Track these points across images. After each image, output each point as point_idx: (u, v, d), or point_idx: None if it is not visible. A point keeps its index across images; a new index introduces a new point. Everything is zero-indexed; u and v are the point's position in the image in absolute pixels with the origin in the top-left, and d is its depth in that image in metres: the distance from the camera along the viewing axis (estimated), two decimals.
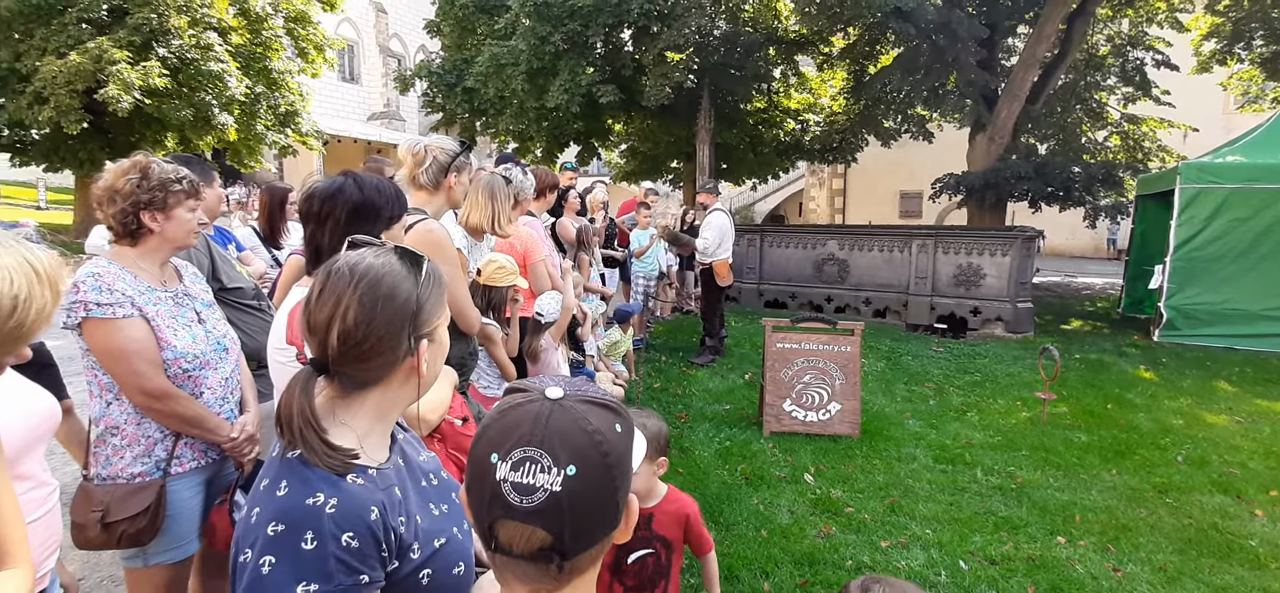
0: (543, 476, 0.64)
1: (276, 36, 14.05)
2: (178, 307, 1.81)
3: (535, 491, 0.64)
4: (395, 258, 0.97)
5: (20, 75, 11.70)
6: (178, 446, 1.79)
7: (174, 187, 1.75)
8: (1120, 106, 14.37)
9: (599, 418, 0.68)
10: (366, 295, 0.91)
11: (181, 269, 1.92)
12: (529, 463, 0.65)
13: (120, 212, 1.71)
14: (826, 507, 3.57)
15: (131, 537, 1.71)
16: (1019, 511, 3.60)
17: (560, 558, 0.66)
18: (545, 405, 0.67)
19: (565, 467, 0.65)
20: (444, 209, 2.41)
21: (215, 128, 12.72)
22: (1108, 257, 22.80)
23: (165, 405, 1.73)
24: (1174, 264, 7.99)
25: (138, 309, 1.70)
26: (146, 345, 1.70)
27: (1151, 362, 7.09)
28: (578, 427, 0.67)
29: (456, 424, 2.01)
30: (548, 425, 0.66)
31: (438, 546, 0.99)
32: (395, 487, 0.96)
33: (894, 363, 6.80)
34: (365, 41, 26.54)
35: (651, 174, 16.43)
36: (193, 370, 1.79)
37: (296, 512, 0.85)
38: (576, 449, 0.66)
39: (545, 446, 0.65)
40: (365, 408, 0.97)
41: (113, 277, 1.69)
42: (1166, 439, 4.76)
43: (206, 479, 1.88)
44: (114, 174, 1.73)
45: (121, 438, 1.74)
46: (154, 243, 1.77)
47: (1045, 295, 12.31)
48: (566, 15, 11.68)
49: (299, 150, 16.47)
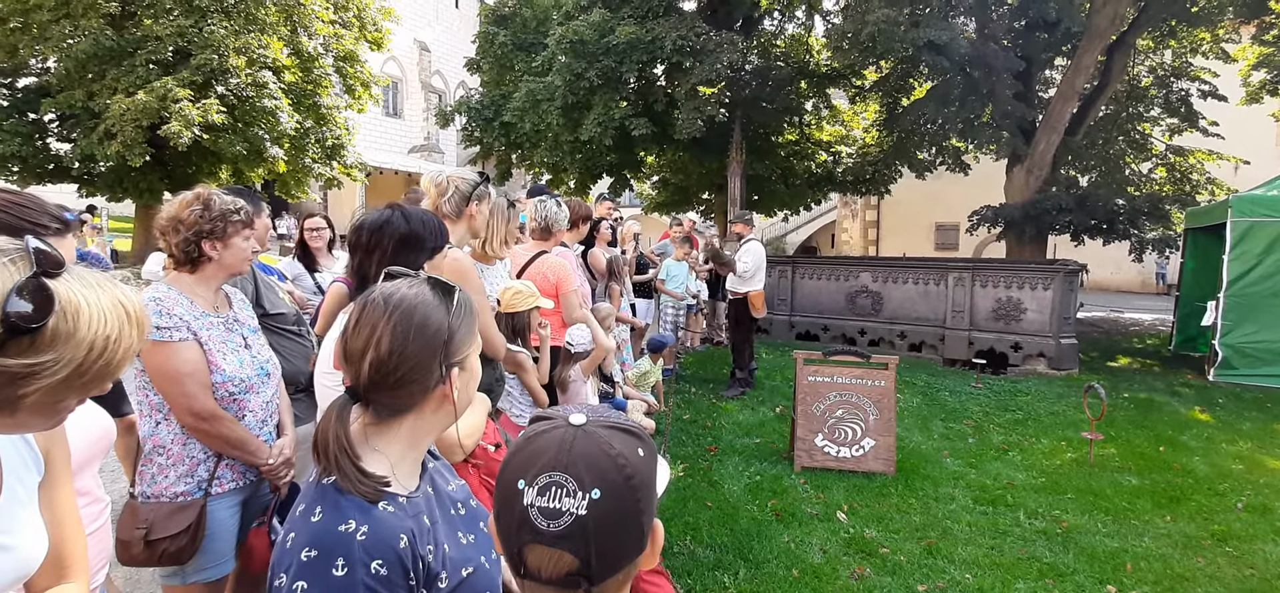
0: (568, 500, 0.66)
1: (326, 74, 14.76)
2: (228, 332, 1.89)
3: (561, 514, 0.66)
4: (428, 288, 1.00)
5: (92, 113, 12.51)
6: (218, 467, 1.85)
7: (232, 217, 1.86)
8: (1165, 138, 13.97)
9: (622, 443, 0.70)
10: (399, 325, 0.95)
11: (232, 295, 2.01)
12: (555, 488, 0.67)
13: (183, 240, 1.80)
14: (860, 547, 3.49)
15: (172, 555, 1.77)
16: (1065, 557, 3.45)
17: (587, 582, 0.67)
18: (569, 432, 0.70)
19: (590, 490, 0.66)
20: (466, 238, 2.49)
21: (266, 160, 13.35)
22: (1156, 292, 21.93)
23: (212, 427, 1.79)
24: (1228, 300, 7.66)
25: (193, 333, 1.78)
26: (199, 368, 1.78)
27: (1207, 402, 6.76)
28: (602, 451, 0.69)
29: (490, 450, 2.04)
30: (572, 451, 0.68)
31: (465, 574, 1.00)
32: (424, 515, 0.98)
33: (931, 398, 6.63)
34: (409, 78, 27.61)
35: (682, 205, 16.57)
36: (238, 394, 1.85)
37: (328, 538, 0.88)
38: (601, 473, 0.67)
39: (570, 470, 0.67)
40: (399, 435, 1.00)
41: (172, 302, 1.78)
42: (1225, 485, 4.52)
43: (243, 501, 1.94)
44: (178, 205, 1.83)
45: (167, 457, 1.81)
46: (211, 269, 1.86)
47: (1090, 331, 11.89)
48: (601, 52, 12.00)
49: (343, 182, 17.11)
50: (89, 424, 1.40)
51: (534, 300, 2.79)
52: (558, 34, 12.43)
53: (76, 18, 12.45)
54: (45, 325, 0.75)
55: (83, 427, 1.38)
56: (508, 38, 14.89)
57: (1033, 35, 12.20)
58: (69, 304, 0.77)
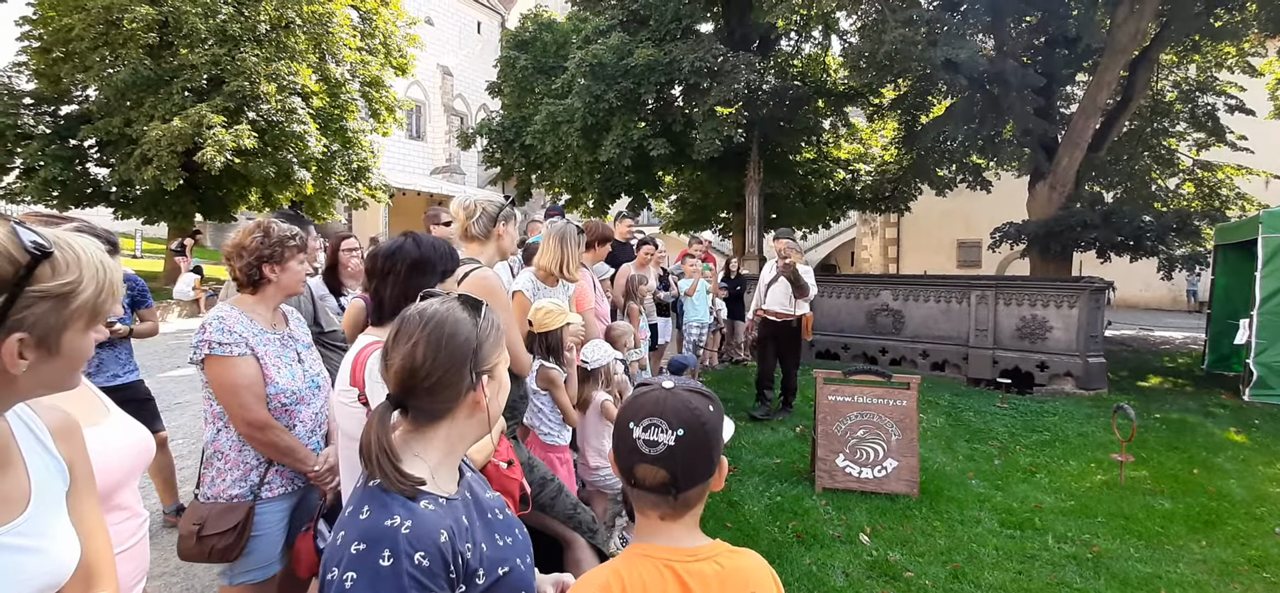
0: (663, 435, 1.00)
1: (353, 99, 15.15)
2: (283, 347, 2.06)
3: (658, 445, 1.00)
4: (457, 304, 1.11)
5: (129, 139, 12.98)
6: (268, 472, 2.00)
7: (289, 243, 2.05)
8: (1192, 153, 13.72)
9: (698, 401, 1.03)
10: (433, 335, 1.05)
11: (289, 314, 2.19)
12: (653, 427, 1.01)
13: (246, 265, 2.01)
14: (884, 570, 3.45)
15: (220, 552, 1.91)
16: (1096, 582, 3.38)
17: (675, 490, 1.01)
18: (662, 392, 1.04)
19: (676, 430, 1.00)
20: (496, 258, 2.57)
21: (294, 183, 13.71)
22: (1187, 309, 21.38)
23: (264, 436, 1.95)
24: (1262, 318, 7.46)
25: (251, 349, 1.95)
26: (255, 381, 1.94)
27: (1242, 423, 6.57)
28: (685, 405, 1.02)
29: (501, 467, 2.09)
30: (665, 404, 1.02)
31: (501, 573, 1.07)
32: (463, 515, 1.06)
33: (954, 419, 6.54)
34: (431, 101, 28.20)
35: (701, 224, 16.62)
36: (290, 405, 2.01)
37: (375, 532, 0.95)
38: (684, 419, 1.01)
39: (664, 415, 1.01)
40: (436, 441, 1.08)
41: (233, 320, 1.96)
42: (1262, 509, 4.39)
43: (291, 506, 2.08)
44: (241, 234, 2.04)
45: (225, 462, 1.98)
46: (271, 291, 2.05)
47: (1119, 350, 11.63)
48: (620, 74, 12.18)
49: (368, 203, 17.48)
50: (129, 440, 1.43)
51: (564, 318, 2.85)
52: (577, 57, 12.66)
53: (116, 48, 12.97)
54: (56, 251, 0.87)
55: (122, 443, 1.40)
56: (528, 62, 15.18)
57: (1053, 52, 12.11)
58: (60, 239, 0.89)
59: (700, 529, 1.08)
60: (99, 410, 1.40)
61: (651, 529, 1.04)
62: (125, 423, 1.45)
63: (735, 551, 1.07)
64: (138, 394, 3.33)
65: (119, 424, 1.43)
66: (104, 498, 1.32)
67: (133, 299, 3.35)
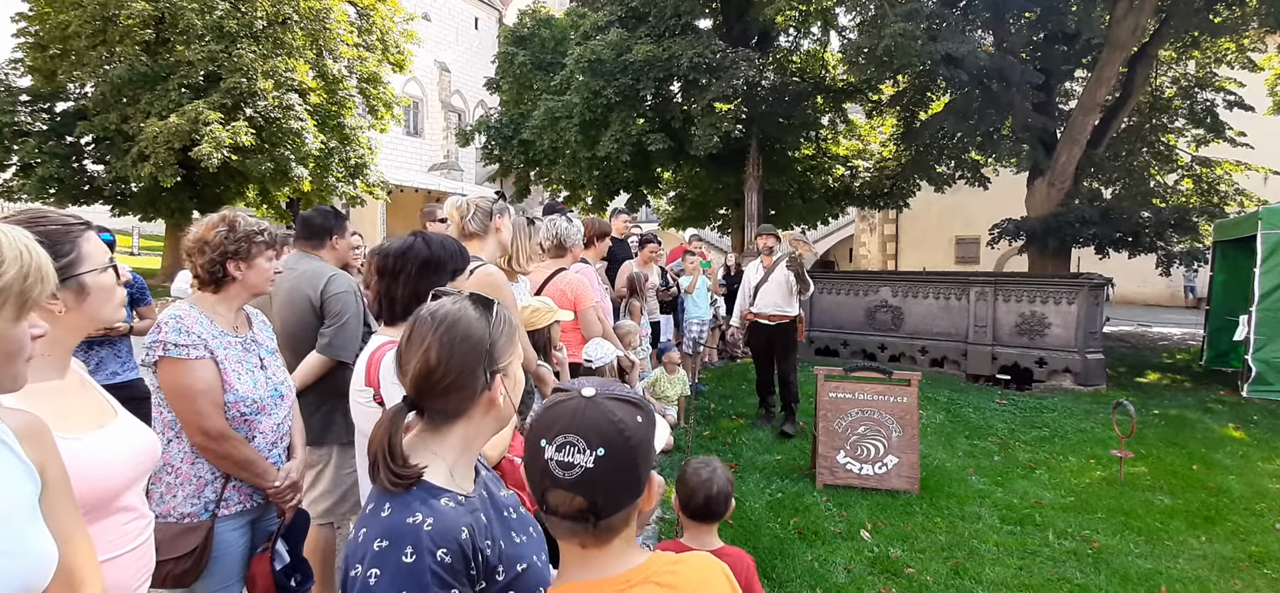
0: (579, 456, 0.84)
1: (350, 96, 15.10)
2: (245, 352, 1.90)
3: (573, 467, 0.85)
4: (469, 304, 1.09)
5: (126, 136, 12.93)
6: (226, 488, 1.83)
7: (257, 238, 1.89)
8: (1191, 149, 13.73)
9: (623, 411, 0.88)
10: (445, 336, 1.03)
11: (253, 316, 2.02)
12: (568, 446, 0.85)
13: (208, 261, 1.84)
14: (885, 567, 3.45)
15: (176, 577, 1.73)
16: (1097, 578, 3.38)
17: (595, 518, 0.86)
18: (581, 402, 0.88)
19: (596, 449, 0.84)
20: (496, 252, 2.56)
21: (292, 180, 13.67)
22: (1186, 306, 21.42)
23: (220, 447, 1.79)
24: (1260, 314, 7.48)
25: (209, 352, 1.79)
26: (212, 387, 1.78)
27: (1241, 419, 6.59)
28: (606, 418, 0.86)
29: (517, 462, 2.08)
30: (583, 417, 0.86)
31: (520, 569, 1.07)
32: (481, 513, 1.06)
33: (954, 415, 6.55)
34: (429, 98, 28.12)
35: (700, 221, 16.61)
36: (249, 415, 1.86)
37: (398, 529, 0.95)
38: (605, 436, 0.85)
39: (582, 432, 0.85)
40: (452, 439, 1.08)
41: (192, 320, 1.80)
42: (1262, 504, 4.40)
43: (251, 523, 1.93)
44: (204, 227, 1.88)
45: (176, 477, 1.80)
46: (235, 290, 1.89)
47: (1118, 346, 11.65)
48: (618, 70, 12.15)
49: (366, 200, 17.44)
50: (137, 442, 1.41)
51: (552, 315, 2.83)
52: (576, 53, 12.62)
53: (113, 45, 12.90)
54: None
55: (131, 445, 1.39)
56: (527, 58, 15.15)
57: (1052, 48, 12.10)
58: None
59: (634, 544, 0.94)
60: (107, 412, 1.39)
61: (574, 560, 0.91)
62: (133, 425, 1.44)
63: (677, 561, 0.93)
64: (137, 393, 3.31)
65: (127, 426, 1.41)
66: (111, 499, 1.31)
67: (132, 297, 3.34)
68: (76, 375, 1.38)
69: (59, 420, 1.24)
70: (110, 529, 1.31)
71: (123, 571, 1.33)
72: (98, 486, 1.27)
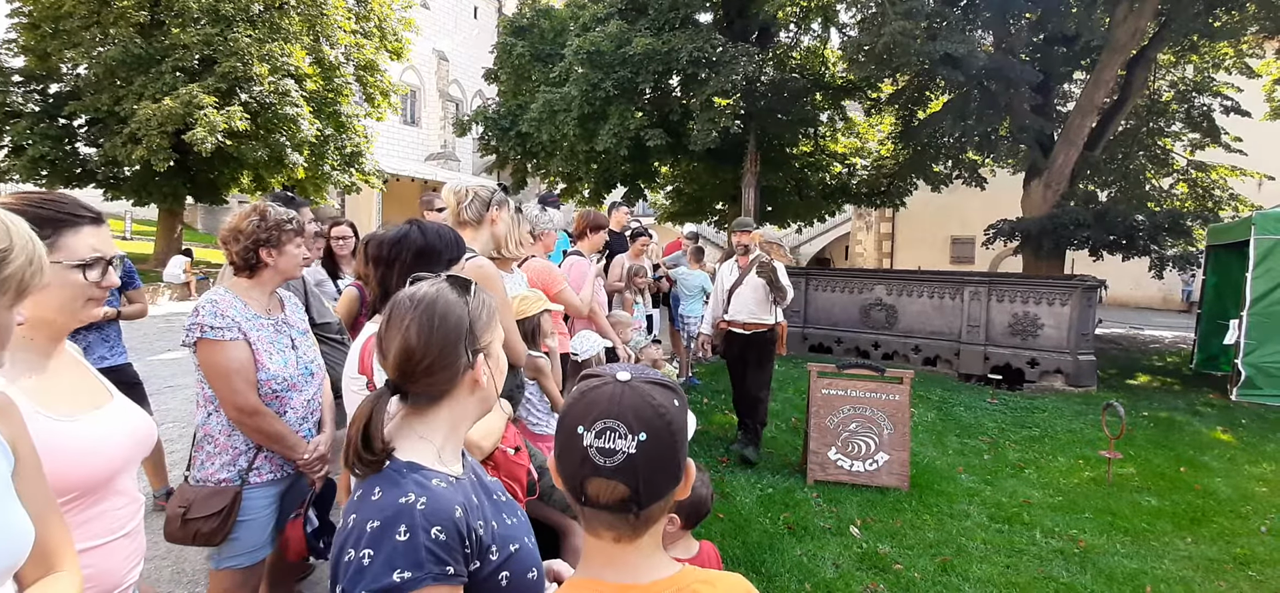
0: (621, 441, 0.81)
1: (347, 83, 15.00)
2: (277, 333, 2.05)
3: (616, 454, 0.81)
4: (447, 285, 1.10)
5: (118, 118, 12.81)
6: (257, 458, 1.99)
7: (287, 226, 2.04)
8: (1187, 153, 13.78)
9: (661, 395, 0.85)
10: (424, 317, 1.04)
11: (285, 299, 2.18)
12: (609, 432, 0.81)
13: (243, 249, 1.99)
14: (873, 563, 3.47)
15: (205, 536, 1.90)
16: (1083, 577, 3.41)
17: (637, 507, 0.82)
18: (618, 387, 0.84)
19: (638, 434, 0.81)
20: (489, 244, 2.54)
21: (286, 167, 13.58)
22: (1182, 309, 21.55)
23: (253, 421, 1.94)
24: (1251, 319, 7.53)
25: (243, 334, 1.94)
26: (246, 366, 1.93)
27: (1229, 422, 6.64)
28: (646, 402, 0.83)
29: (510, 453, 2.08)
30: (622, 402, 0.82)
31: (512, 550, 1.08)
32: (472, 494, 1.06)
33: (945, 414, 6.58)
34: (427, 87, 27.97)
35: (697, 216, 16.59)
36: (281, 391, 2.00)
37: (390, 509, 0.95)
38: (646, 420, 0.82)
39: (622, 417, 0.81)
40: (439, 421, 1.08)
41: (227, 304, 1.95)
42: (1248, 507, 4.44)
43: (281, 492, 2.07)
44: (237, 217, 2.02)
45: (214, 446, 1.97)
46: (267, 275, 2.04)
47: (1109, 348, 11.72)
48: (618, 63, 12.09)
49: (361, 188, 17.36)
50: (132, 425, 1.40)
51: (541, 304, 2.83)
52: (575, 45, 12.55)
53: (107, 26, 12.78)
54: None
55: (125, 428, 1.38)
56: (525, 48, 15.05)
57: (1052, 49, 12.10)
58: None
59: (660, 547, 0.90)
60: (102, 395, 1.37)
61: (601, 556, 0.86)
62: (127, 408, 1.44)
63: (711, 578, 0.86)
64: (126, 378, 3.29)
65: (121, 409, 1.41)
66: (105, 483, 1.30)
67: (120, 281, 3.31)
68: (71, 357, 1.37)
69: (55, 402, 1.23)
70: (104, 513, 1.29)
71: (112, 557, 1.31)
72: (95, 467, 1.26)
